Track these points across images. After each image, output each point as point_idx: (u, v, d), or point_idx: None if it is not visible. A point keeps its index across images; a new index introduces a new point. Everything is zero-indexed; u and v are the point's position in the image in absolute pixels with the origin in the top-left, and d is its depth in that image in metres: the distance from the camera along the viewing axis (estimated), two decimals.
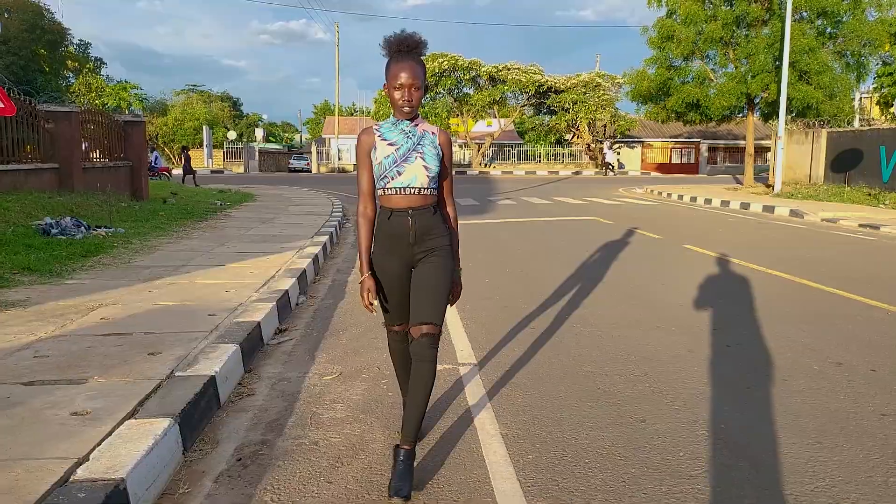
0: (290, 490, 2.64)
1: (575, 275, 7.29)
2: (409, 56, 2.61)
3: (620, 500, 2.58)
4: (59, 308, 4.98)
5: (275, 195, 19.87)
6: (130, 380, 3.43)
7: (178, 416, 2.96)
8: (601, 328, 5.05)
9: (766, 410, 3.44)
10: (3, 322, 4.55)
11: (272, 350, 4.58)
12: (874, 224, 11.99)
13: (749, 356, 4.38)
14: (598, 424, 3.27)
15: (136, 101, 46.04)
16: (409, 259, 2.74)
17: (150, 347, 4.00)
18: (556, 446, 3.03)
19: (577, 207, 16.72)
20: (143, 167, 14.82)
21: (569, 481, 2.72)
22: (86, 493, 2.26)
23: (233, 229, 10.53)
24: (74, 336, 4.26)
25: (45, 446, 2.65)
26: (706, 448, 3.00)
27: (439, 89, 42.19)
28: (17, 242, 7.29)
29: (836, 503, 2.54)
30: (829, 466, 2.84)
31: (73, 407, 3.06)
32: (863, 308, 5.77)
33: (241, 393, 3.75)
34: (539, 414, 3.40)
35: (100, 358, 3.79)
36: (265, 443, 3.09)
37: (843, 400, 3.60)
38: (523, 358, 4.33)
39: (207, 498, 2.60)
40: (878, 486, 2.67)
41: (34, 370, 3.57)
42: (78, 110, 12.17)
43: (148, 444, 2.64)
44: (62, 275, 6.22)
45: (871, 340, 4.73)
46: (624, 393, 3.69)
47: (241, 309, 5.03)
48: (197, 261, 7.31)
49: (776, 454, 2.95)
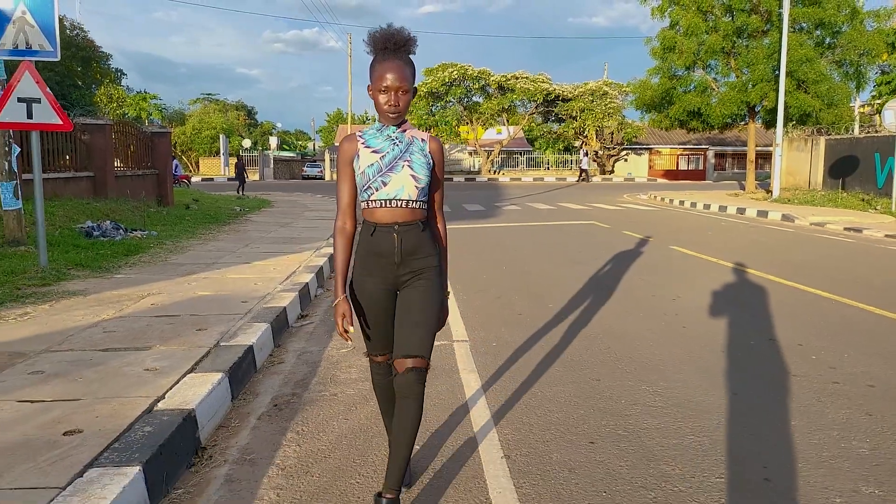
0: (316, 424, 3.44)
1: (563, 271, 8.06)
2: (395, 55, 2.35)
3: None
4: (113, 296, 5.83)
5: (290, 201, 20.78)
6: (185, 348, 4.26)
7: (228, 372, 3.78)
8: (575, 312, 5.82)
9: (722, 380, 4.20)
10: (70, 307, 5.40)
11: (296, 331, 5.40)
12: (857, 227, 12.67)
13: (696, 334, 5.13)
14: (558, 380, 4.04)
15: (155, 111, 47.36)
16: (392, 281, 2.48)
17: (196, 325, 4.83)
18: (521, 384, 3.81)
19: (578, 212, 17.47)
20: (169, 175, 15.77)
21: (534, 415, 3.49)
22: (168, 417, 3.08)
23: (255, 232, 11.41)
24: (132, 317, 5.10)
25: (129, 390, 3.47)
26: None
27: (449, 98, 43.14)
28: (66, 243, 8.18)
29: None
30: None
31: (145, 365, 3.88)
32: (812, 298, 6.50)
33: (272, 361, 4.56)
34: (517, 375, 4.18)
35: (157, 333, 4.62)
36: (295, 395, 3.89)
37: (750, 355, 4.35)
38: (508, 336, 5.11)
39: (253, 429, 3.40)
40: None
41: (106, 341, 4.41)
42: (111, 123, 13.14)
43: (208, 388, 3.45)
44: (110, 270, 7.09)
45: (810, 322, 5.47)
46: (588, 361, 4.46)
47: (269, 297, 5.86)
48: (225, 259, 8.16)
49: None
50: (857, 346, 4.81)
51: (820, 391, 3.87)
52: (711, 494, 2.67)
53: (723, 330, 5.29)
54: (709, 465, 2.92)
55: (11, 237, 7.64)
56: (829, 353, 4.65)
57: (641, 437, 3.22)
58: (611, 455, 3.02)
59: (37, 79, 6.53)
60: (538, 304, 6.28)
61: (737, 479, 2.79)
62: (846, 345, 4.86)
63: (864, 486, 2.73)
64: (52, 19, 6.60)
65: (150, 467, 2.63)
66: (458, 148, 49.15)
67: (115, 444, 2.78)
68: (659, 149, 49.22)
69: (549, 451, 3.07)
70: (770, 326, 5.38)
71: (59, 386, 3.52)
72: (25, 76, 6.49)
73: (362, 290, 2.50)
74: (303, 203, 20.20)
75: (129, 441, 2.81)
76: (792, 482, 2.77)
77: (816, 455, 3.02)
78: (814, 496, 2.65)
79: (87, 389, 3.46)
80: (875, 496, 2.66)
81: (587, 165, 40.31)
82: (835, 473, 2.84)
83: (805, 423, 3.40)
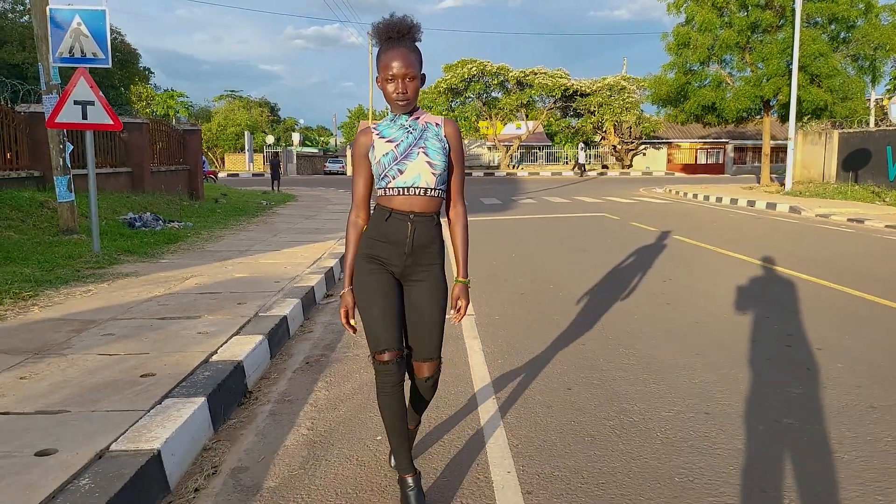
0: (341, 376, 4.13)
1: (568, 257, 8.68)
2: (400, 43, 2.33)
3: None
4: (161, 277, 6.59)
5: (314, 196, 21.58)
6: (229, 317, 4.97)
7: (267, 335, 4.48)
8: (574, 292, 6.44)
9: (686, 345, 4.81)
10: (126, 286, 6.16)
11: (322, 307, 6.10)
12: (860, 219, 13.08)
13: (678, 309, 5.73)
14: (548, 345, 4.68)
15: (182, 109, 48.61)
16: (399, 269, 2.47)
17: (237, 300, 5.55)
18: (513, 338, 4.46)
19: (592, 205, 18.01)
20: (200, 170, 16.63)
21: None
22: (222, 365, 3.78)
23: (282, 224, 12.17)
24: (181, 294, 5.84)
25: (188, 346, 4.18)
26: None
27: (468, 94, 43.75)
28: (113, 232, 8.99)
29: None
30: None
31: (197, 329, 4.60)
32: (800, 283, 7.04)
33: (303, 331, 5.26)
34: (513, 341, 4.83)
35: (204, 305, 5.35)
36: (323, 355, 4.58)
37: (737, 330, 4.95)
38: (510, 311, 5.76)
39: (290, 379, 4.10)
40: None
41: (162, 312, 5.14)
42: (147, 122, 13.99)
43: (252, 346, 4.16)
44: (155, 256, 7.86)
45: (778, 298, 6.04)
46: (578, 330, 5.10)
47: (298, 278, 6.57)
48: (257, 247, 8.91)
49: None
50: (814, 318, 5.38)
51: (770, 351, 4.47)
52: (659, 423, 3.30)
53: (701, 305, 5.88)
54: (663, 404, 3.55)
55: (65, 226, 8.45)
56: (785, 322, 5.23)
57: (611, 385, 3.86)
58: (582, 397, 3.67)
59: (91, 83, 7.30)
60: (541, 286, 6.91)
61: (684, 412, 3.42)
62: (809, 318, 5.43)
63: (784, 419, 3.35)
64: (104, 30, 7.36)
65: (211, 399, 3.33)
66: (477, 143, 49.73)
67: (183, 383, 3.49)
68: (678, 143, 49.34)
69: (533, 395, 3.72)
70: (745, 303, 5.96)
71: (129, 344, 4.25)
72: (81, 81, 7.26)
73: (365, 274, 2.46)
74: (325, 197, 20.99)
75: (193, 381, 3.51)
76: (729, 415, 3.38)
77: (756, 394, 3.64)
78: (751, 424, 3.27)
79: (153, 346, 4.19)
80: (789, 426, 3.27)
81: (584, 160, 40.76)
82: (761, 405, 3.46)
83: (750, 375, 4.01)
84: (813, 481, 2.74)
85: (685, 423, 3.31)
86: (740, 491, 2.66)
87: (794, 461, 2.91)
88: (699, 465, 2.88)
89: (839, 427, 3.26)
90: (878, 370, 4.12)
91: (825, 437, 3.14)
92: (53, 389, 3.40)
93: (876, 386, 3.84)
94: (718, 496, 2.62)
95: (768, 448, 3.04)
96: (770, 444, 3.08)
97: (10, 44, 17.04)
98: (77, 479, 2.45)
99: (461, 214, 2.55)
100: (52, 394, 3.34)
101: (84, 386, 3.45)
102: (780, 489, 2.67)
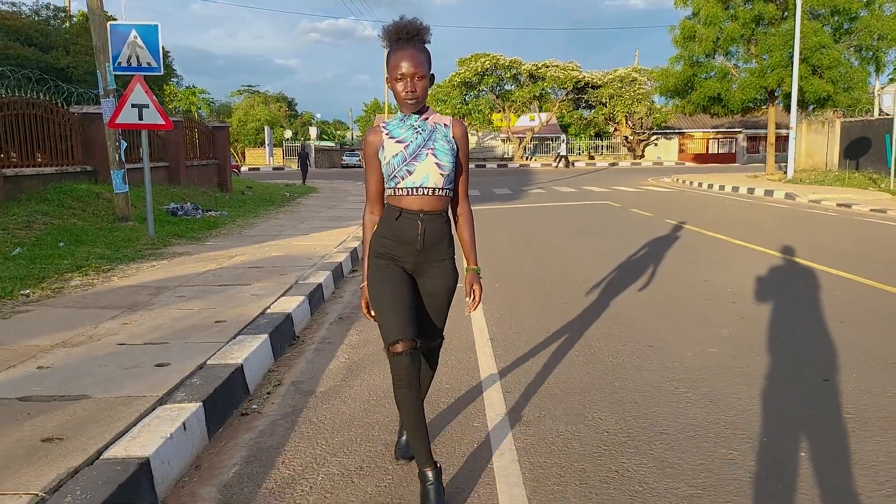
0: (370, 326, 5.15)
1: (568, 240, 9.66)
2: (409, 44, 2.41)
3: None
4: (210, 256, 7.68)
5: (334, 188, 22.69)
6: (275, 284, 6.03)
7: (307, 296, 5.54)
8: (572, 268, 7.43)
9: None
10: (183, 262, 7.25)
11: (350, 279, 7.15)
12: (848, 203, 13.90)
13: (659, 284, 6.69)
14: (544, 314, 5.67)
15: (203, 105, 49.98)
16: (411, 265, 2.58)
17: (278, 272, 6.62)
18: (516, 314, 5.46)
19: (598, 194, 18.92)
20: (228, 164, 17.77)
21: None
22: (275, 316, 4.84)
23: (307, 212, 13.27)
24: (230, 268, 6.92)
25: (246, 303, 5.24)
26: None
27: (482, 87, 44.66)
28: (160, 220, 10.11)
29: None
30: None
31: (251, 292, 5.67)
32: (758, 254, 7.97)
33: (334, 296, 6.32)
34: (512, 312, 5.84)
35: (252, 276, 6.42)
36: (353, 313, 5.63)
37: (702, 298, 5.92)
38: (511, 286, 6.76)
39: (328, 328, 5.14)
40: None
41: (219, 281, 6.22)
42: (182, 120, 15.13)
43: (297, 303, 5.22)
44: (201, 239, 8.97)
45: (749, 273, 6.99)
46: (573, 303, 6.09)
47: (327, 256, 7.63)
48: (287, 232, 9.99)
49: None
50: (768, 290, 6.34)
51: (728, 324, 5.44)
52: (638, 385, 4.30)
53: (676, 280, 6.85)
54: (640, 362, 4.52)
55: (121, 214, 9.58)
56: (740, 292, 6.18)
57: (597, 351, 4.79)
58: (571, 358, 4.65)
59: (145, 89, 8.39)
60: (541, 264, 7.91)
61: (658, 381, 4.42)
62: (765, 290, 6.38)
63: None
64: (157, 42, 8.45)
65: (272, 337, 4.38)
66: (490, 135, 50.61)
67: (248, 327, 4.55)
68: (690, 133, 49.87)
69: (529, 356, 4.66)
70: (726, 281, 6.93)
71: (199, 302, 5.32)
72: (137, 87, 8.35)
73: (376, 269, 2.55)
74: (345, 189, 22.09)
75: (255, 325, 4.57)
76: (698, 385, 4.37)
77: (715, 361, 4.62)
78: (724, 394, 4.25)
79: (218, 304, 5.26)
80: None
81: (565, 151, 41.63)
82: (723, 378, 4.44)
83: (720, 348, 4.98)
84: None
85: (661, 393, 4.31)
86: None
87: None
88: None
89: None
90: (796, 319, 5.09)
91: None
92: (152, 330, 4.48)
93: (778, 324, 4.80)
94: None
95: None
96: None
97: (56, 49, 18.22)
98: (190, 379, 3.51)
99: (467, 212, 2.69)
100: (151, 333, 4.41)
101: (174, 328, 4.53)
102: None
